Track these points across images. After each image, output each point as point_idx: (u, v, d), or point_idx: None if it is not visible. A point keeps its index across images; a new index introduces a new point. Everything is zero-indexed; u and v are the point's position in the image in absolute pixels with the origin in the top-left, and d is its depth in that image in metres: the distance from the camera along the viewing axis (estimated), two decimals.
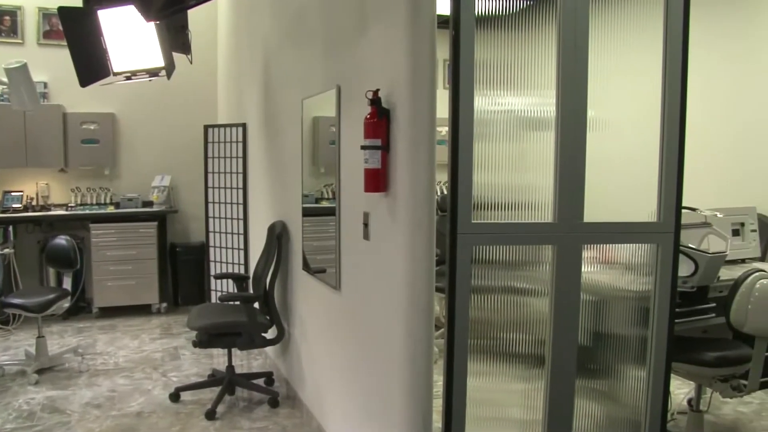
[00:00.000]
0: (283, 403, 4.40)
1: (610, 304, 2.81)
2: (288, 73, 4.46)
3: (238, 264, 6.02)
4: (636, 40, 2.75)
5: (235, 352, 4.67)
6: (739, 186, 5.35)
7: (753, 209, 4.01)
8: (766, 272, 3.11)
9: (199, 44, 5.44)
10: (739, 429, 4.04)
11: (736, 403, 4.38)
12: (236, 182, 5.97)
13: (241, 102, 6.12)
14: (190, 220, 7.48)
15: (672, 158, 2.67)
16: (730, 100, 5.46)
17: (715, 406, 4.29)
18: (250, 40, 5.71)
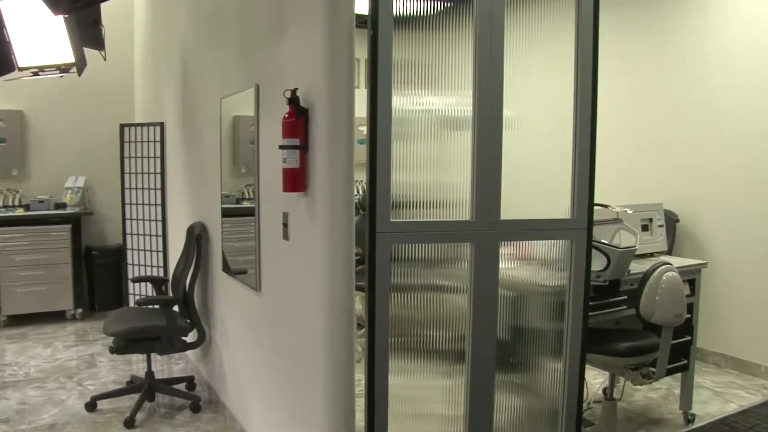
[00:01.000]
0: (205, 407, 4.32)
1: (528, 298, 2.88)
2: (206, 71, 4.38)
3: (157, 267, 5.87)
4: (550, 43, 2.83)
5: (155, 357, 4.55)
6: (647, 184, 5.59)
7: (660, 205, 4.18)
8: (672, 265, 3.26)
9: (114, 40, 5.26)
10: (649, 413, 4.22)
11: (647, 389, 4.58)
12: (154, 183, 5.82)
13: (158, 100, 5.97)
14: (106, 222, 7.24)
15: (584, 157, 2.76)
16: (638, 103, 5.70)
17: (627, 394, 4.47)
18: (166, 36, 5.57)
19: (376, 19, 2.42)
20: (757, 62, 4.83)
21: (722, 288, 5.11)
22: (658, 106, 5.53)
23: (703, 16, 5.19)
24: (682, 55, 5.34)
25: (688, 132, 5.31)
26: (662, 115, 5.50)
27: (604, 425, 3.46)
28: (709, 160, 5.17)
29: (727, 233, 5.09)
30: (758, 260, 4.91)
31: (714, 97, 5.12)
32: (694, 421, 4.06)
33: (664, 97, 5.49)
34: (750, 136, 4.90)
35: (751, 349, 5.00)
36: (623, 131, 5.78)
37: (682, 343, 3.82)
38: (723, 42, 5.05)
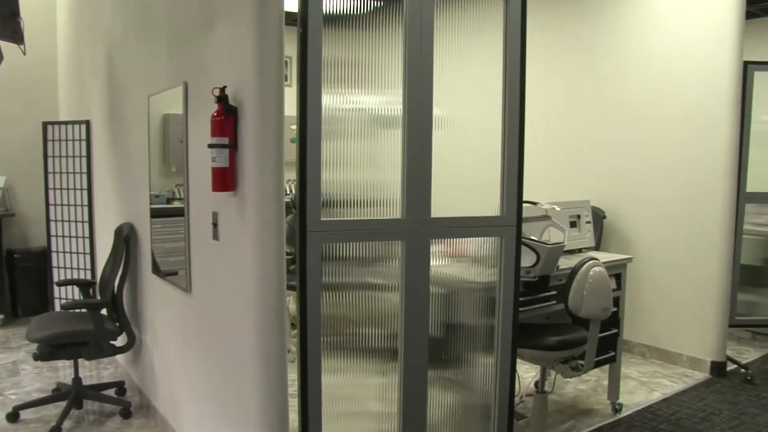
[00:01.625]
0: (136, 413, 4.21)
1: (459, 295, 2.91)
2: (133, 67, 4.26)
3: (84, 269, 5.69)
4: (480, 43, 2.87)
5: (83, 362, 4.42)
6: (576, 181, 5.74)
7: (587, 202, 4.29)
8: (599, 261, 3.35)
9: (35, 33, 5.08)
10: (579, 405, 4.33)
11: (576, 382, 4.70)
12: (80, 183, 5.63)
13: (83, 97, 5.78)
14: (29, 223, 6.97)
15: (513, 156, 2.80)
16: (567, 104, 5.84)
17: (558, 386, 4.58)
18: (91, 30, 5.40)
19: (305, 17, 2.41)
20: (679, 68, 5.01)
21: (646, 282, 5.29)
22: (587, 107, 5.68)
23: (627, 22, 5.35)
24: (609, 58, 5.50)
25: (615, 132, 5.47)
26: (590, 116, 5.65)
27: (536, 418, 3.53)
28: (634, 159, 5.34)
29: (650, 229, 5.27)
30: (679, 255, 5.10)
31: (639, 100, 5.29)
32: (621, 410, 4.19)
33: (592, 99, 5.64)
34: (673, 137, 5.09)
35: (673, 339, 5.19)
36: (553, 131, 5.92)
37: (610, 336, 3.94)
38: (647, 47, 5.22)
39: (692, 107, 4.96)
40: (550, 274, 3.47)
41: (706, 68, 4.86)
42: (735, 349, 5.57)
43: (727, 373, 4.99)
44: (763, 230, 5.39)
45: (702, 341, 5.02)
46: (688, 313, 5.09)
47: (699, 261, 5.00)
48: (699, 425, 4.01)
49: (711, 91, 4.85)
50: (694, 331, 5.06)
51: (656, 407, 4.29)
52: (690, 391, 4.61)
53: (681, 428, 3.95)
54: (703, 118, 4.90)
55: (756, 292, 5.38)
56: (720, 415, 4.18)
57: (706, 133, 4.88)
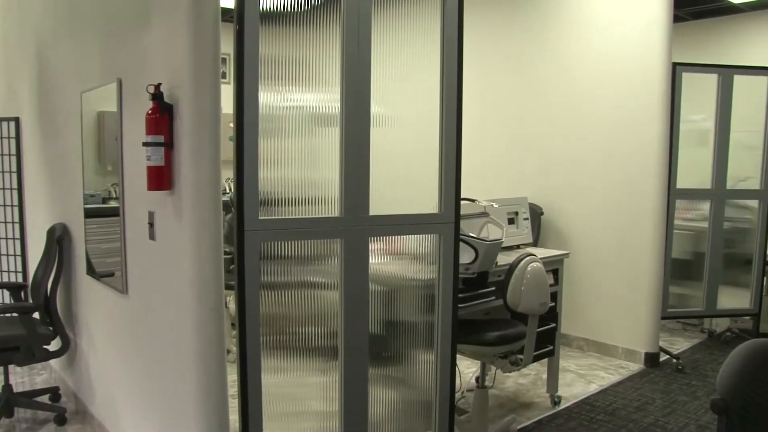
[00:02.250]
0: (71, 419, 4.09)
1: (399, 292, 2.93)
2: (65, 63, 4.14)
3: (15, 272, 5.49)
4: (418, 41, 2.89)
5: (14, 368, 4.27)
6: (514, 179, 5.83)
7: (525, 199, 4.37)
8: (536, 256, 3.41)
9: None
10: (519, 398, 4.41)
11: (517, 376, 4.78)
12: (9, 182, 5.43)
13: (12, 93, 5.58)
14: None
15: (450, 153, 2.83)
16: (505, 103, 5.93)
17: (499, 381, 4.65)
18: (19, 23, 5.22)
19: (242, 14, 2.38)
20: (613, 69, 5.15)
21: (583, 277, 5.42)
22: (524, 106, 5.78)
23: (564, 22, 5.46)
24: (546, 58, 5.60)
25: (551, 130, 5.58)
26: (528, 115, 5.75)
27: (477, 412, 3.57)
28: (571, 157, 5.46)
29: (587, 225, 5.40)
30: (614, 250, 5.24)
31: (575, 99, 5.41)
32: (560, 402, 4.29)
33: (529, 98, 5.74)
34: (607, 136, 5.22)
35: (609, 332, 5.34)
36: (491, 129, 6.00)
37: (548, 330, 4.02)
38: (582, 47, 5.34)
39: (626, 107, 5.10)
40: (489, 271, 3.52)
41: (638, 69, 5.00)
42: (667, 340, 5.76)
43: (660, 363, 5.16)
44: (692, 225, 5.58)
45: (636, 333, 5.18)
46: (623, 306, 5.23)
47: (633, 256, 5.15)
48: (634, 414, 4.13)
49: (643, 91, 5.00)
50: (629, 323, 5.21)
51: (593, 398, 4.41)
52: (625, 382, 4.75)
53: (617, 418, 4.07)
54: (636, 118, 5.04)
55: (686, 285, 5.57)
56: (653, 403, 4.32)
57: (639, 132, 5.03)
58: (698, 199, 5.41)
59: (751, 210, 5.49)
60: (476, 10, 5.90)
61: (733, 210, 5.50)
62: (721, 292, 5.45)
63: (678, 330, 6.22)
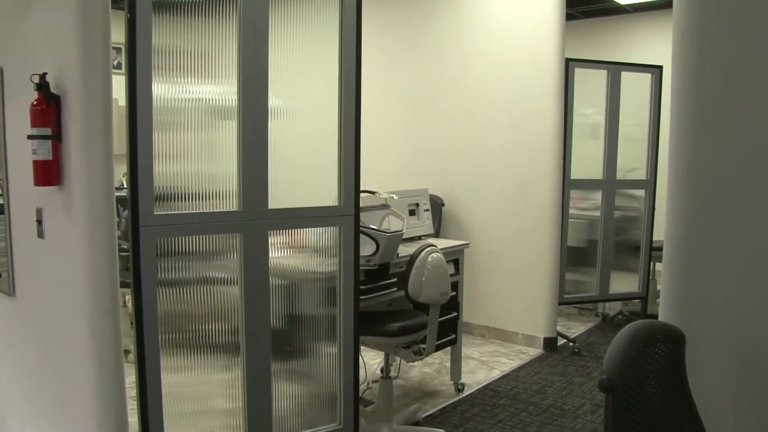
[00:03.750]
0: None
1: (301, 286, 2.92)
2: None
3: None
4: (316, 34, 2.88)
5: None
6: (415, 171, 5.91)
7: (425, 191, 4.44)
8: (437, 247, 3.47)
9: None
10: (424, 387, 4.49)
11: (421, 365, 4.87)
12: None
13: None
14: None
15: (349, 146, 2.84)
16: (404, 96, 5.98)
17: (404, 371, 4.71)
18: None
19: (133, 1, 2.31)
20: (510, 64, 5.29)
21: (484, 266, 5.56)
22: (425, 99, 5.85)
23: (463, 20, 5.56)
24: (445, 53, 5.69)
25: (452, 123, 5.68)
26: (429, 107, 5.83)
27: (382, 403, 3.61)
28: (470, 149, 5.58)
29: (486, 215, 5.54)
30: (513, 239, 5.41)
31: (474, 93, 5.52)
32: (464, 389, 4.39)
33: (429, 92, 5.82)
34: (505, 128, 5.36)
35: (510, 319, 5.50)
36: (393, 123, 6.05)
37: (450, 320, 4.11)
38: (480, 43, 5.45)
39: (522, 100, 5.26)
40: (390, 262, 3.56)
41: (534, 64, 5.17)
42: (564, 325, 5.99)
43: (558, 347, 5.37)
44: (585, 214, 5.83)
45: (535, 319, 5.37)
46: (522, 294, 5.41)
47: (531, 245, 5.33)
48: (534, 397, 4.28)
49: (538, 86, 5.17)
50: (528, 310, 5.39)
51: (496, 384, 4.54)
52: (526, 367, 4.92)
53: (518, 402, 4.21)
54: (531, 111, 5.21)
55: (581, 272, 5.82)
56: (552, 386, 4.49)
57: (535, 124, 5.20)
58: (591, 189, 5.66)
59: (638, 199, 5.78)
60: (376, 1, 5.93)
61: (623, 199, 5.78)
62: (613, 277, 5.72)
63: (574, 315, 6.49)
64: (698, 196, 2.28)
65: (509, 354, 5.23)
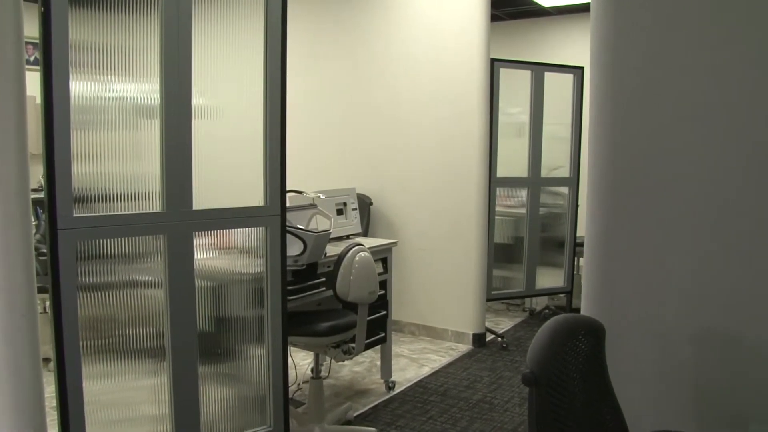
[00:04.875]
0: None
1: (228, 288, 2.88)
2: None
3: None
4: (241, 33, 2.84)
5: None
6: (344, 170, 5.91)
7: (353, 190, 4.44)
8: (364, 246, 3.48)
9: None
10: (355, 386, 4.50)
11: (352, 364, 4.87)
12: None
13: None
14: None
15: (275, 146, 2.82)
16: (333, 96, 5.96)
17: (335, 371, 4.71)
18: None
19: None
20: (437, 64, 5.35)
21: (413, 264, 5.61)
22: (353, 98, 5.85)
23: (390, 20, 5.58)
24: (373, 52, 5.70)
25: (380, 122, 5.70)
26: (357, 107, 5.83)
27: (313, 404, 3.60)
28: (398, 148, 5.61)
29: (415, 214, 5.59)
30: (441, 237, 5.47)
31: (402, 92, 5.56)
32: (395, 387, 4.42)
33: (357, 91, 5.82)
34: (433, 127, 5.42)
35: (439, 316, 5.57)
36: (322, 122, 6.03)
37: (379, 318, 4.12)
38: (408, 44, 5.49)
39: (449, 100, 5.32)
40: (318, 262, 3.55)
41: (460, 64, 5.24)
42: (493, 321, 6.11)
43: (487, 342, 5.47)
44: (511, 211, 5.95)
45: (464, 316, 5.44)
46: (451, 291, 5.48)
47: (458, 242, 5.40)
48: (464, 393, 4.35)
49: (464, 85, 5.24)
50: (457, 307, 5.47)
51: (426, 381, 4.58)
52: (456, 363, 4.98)
53: (448, 397, 4.26)
54: (458, 110, 5.28)
55: (508, 268, 5.94)
56: (482, 381, 4.57)
57: (462, 124, 5.28)
58: (516, 186, 5.78)
59: (562, 196, 5.94)
60: (305, 5, 5.90)
61: (548, 196, 5.94)
62: (539, 272, 5.86)
63: (502, 310, 6.62)
64: (615, 192, 2.37)
65: (439, 351, 5.30)
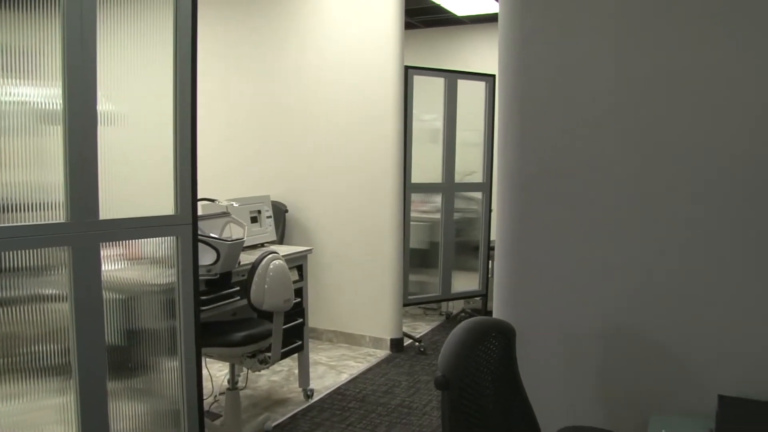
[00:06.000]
0: None
1: (138, 299, 2.79)
2: None
3: None
4: (150, 35, 2.76)
5: None
6: (259, 178, 5.84)
7: (267, 197, 4.39)
8: (279, 254, 3.45)
9: None
10: (273, 396, 4.45)
11: (270, 373, 4.81)
12: None
13: None
14: None
15: (185, 153, 2.75)
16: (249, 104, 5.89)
17: (252, 381, 4.64)
18: None
19: None
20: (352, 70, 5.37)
21: (329, 270, 5.60)
22: (268, 104, 5.80)
23: (304, 27, 5.57)
24: (288, 59, 5.67)
25: (295, 129, 5.67)
26: (272, 113, 5.78)
27: (230, 415, 3.53)
28: (314, 154, 5.60)
29: (331, 220, 5.58)
30: (357, 244, 5.49)
31: (317, 99, 5.55)
32: (313, 395, 4.39)
33: (272, 97, 5.77)
34: (348, 133, 5.43)
35: (356, 322, 5.58)
36: (238, 129, 5.94)
37: (296, 326, 4.09)
38: (322, 50, 5.49)
39: (364, 106, 5.35)
40: (232, 271, 3.49)
41: (374, 71, 5.28)
42: (410, 326, 6.17)
43: (405, 347, 5.51)
44: (427, 217, 6.04)
45: (381, 321, 5.47)
46: (368, 296, 5.50)
47: (374, 248, 5.43)
48: (383, 398, 4.36)
49: (379, 92, 5.28)
50: (374, 313, 5.49)
51: (344, 388, 4.58)
52: (374, 369, 5.00)
53: (367, 403, 4.27)
54: (373, 117, 5.32)
55: (424, 273, 6.02)
56: (400, 386, 4.60)
57: (376, 130, 5.31)
58: (431, 192, 5.87)
59: (476, 201, 6.07)
60: (216, 3, 5.81)
61: (462, 202, 6.05)
62: (455, 276, 5.97)
63: (419, 315, 6.69)
64: (523, 197, 2.44)
65: (357, 357, 5.30)
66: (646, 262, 2.26)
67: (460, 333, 1.87)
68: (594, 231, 2.33)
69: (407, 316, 6.35)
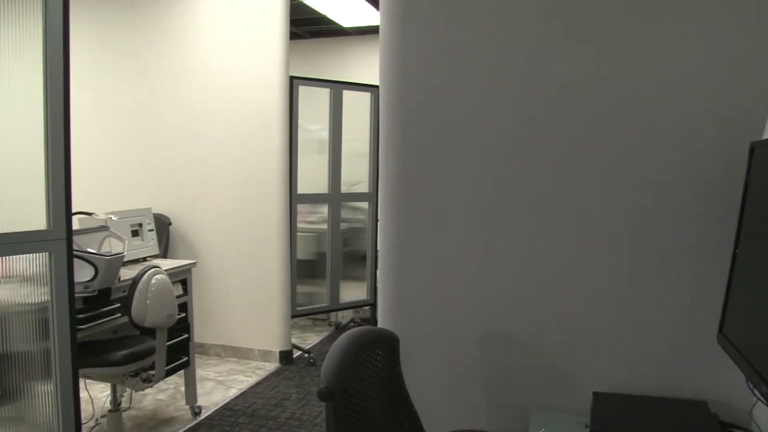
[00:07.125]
0: None
1: (8, 321, 2.63)
2: None
3: None
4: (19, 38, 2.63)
5: None
6: (142, 190, 5.65)
7: (149, 210, 4.25)
8: (161, 268, 3.35)
9: None
10: (159, 415, 4.30)
11: (156, 392, 4.65)
12: None
13: None
14: None
15: (58, 165, 2.63)
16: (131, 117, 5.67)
17: (137, 401, 4.47)
18: None
19: None
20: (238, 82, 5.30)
21: (215, 284, 5.49)
22: (150, 117, 5.61)
23: (187, 39, 5.44)
24: (171, 70, 5.51)
25: (179, 141, 5.53)
26: (154, 126, 5.60)
27: None
28: (198, 167, 5.47)
29: (216, 233, 5.48)
30: (243, 256, 5.41)
31: (202, 111, 5.43)
32: (201, 412, 4.28)
33: (154, 107, 5.60)
34: (231, 145, 5.35)
35: (244, 336, 5.49)
36: (119, 142, 5.71)
37: (181, 342, 3.98)
38: (207, 61, 5.38)
39: (248, 118, 5.29)
40: (112, 287, 3.36)
41: (259, 81, 5.24)
42: (299, 337, 6.14)
43: (294, 359, 5.48)
44: (314, 227, 6.05)
45: (270, 334, 5.42)
46: (255, 309, 5.43)
47: (261, 260, 5.37)
48: (273, 412, 4.31)
49: (264, 103, 5.25)
50: (262, 325, 5.43)
51: (234, 403, 4.49)
52: (263, 382, 4.94)
53: (257, 418, 4.21)
54: (258, 127, 5.27)
55: (312, 284, 6.01)
56: (290, 398, 4.57)
57: (261, 141, 5.27)
58: (317, 203, 5.87)
59: (363, 211, 6.13)
60: (93, 10, 5.57)
61: (349, 212, 6.09)
62: (343, 286, 5.99)
63: (309, 326, 6.67)
64: (405, 206, 2.49)
65: (246, 371, 5.22)
66: (524, 269, 2.36)
67: (342, 344, 1.88)
68: (472, 239, 2.41)
69: (296, 328, 6.32)
